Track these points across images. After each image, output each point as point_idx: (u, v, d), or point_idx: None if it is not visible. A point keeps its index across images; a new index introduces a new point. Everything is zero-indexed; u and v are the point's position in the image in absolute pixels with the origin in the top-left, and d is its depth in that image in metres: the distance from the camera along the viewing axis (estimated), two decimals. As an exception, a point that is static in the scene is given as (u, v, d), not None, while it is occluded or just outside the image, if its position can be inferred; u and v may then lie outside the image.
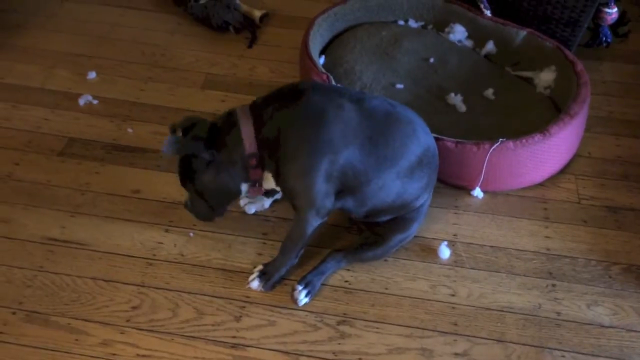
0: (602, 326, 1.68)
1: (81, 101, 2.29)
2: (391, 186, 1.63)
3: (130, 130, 2.19)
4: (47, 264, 1.77)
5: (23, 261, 1.77)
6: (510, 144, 1.88)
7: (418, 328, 1.66)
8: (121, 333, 1.62)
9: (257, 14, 2.72)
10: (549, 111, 2.18)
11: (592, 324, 1.68)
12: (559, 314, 1.71)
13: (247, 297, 1.71)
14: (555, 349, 1.62)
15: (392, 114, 1.62)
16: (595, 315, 1.71)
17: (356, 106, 1.57)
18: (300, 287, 1.70)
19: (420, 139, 1.65)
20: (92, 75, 2.42)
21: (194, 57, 2.55)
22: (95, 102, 2.30)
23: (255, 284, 1.71)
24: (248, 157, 1.58)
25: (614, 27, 2.60)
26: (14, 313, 1.65)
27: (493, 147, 1.87)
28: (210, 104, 2.32)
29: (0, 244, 1.81)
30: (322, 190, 1.57)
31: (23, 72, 2.43)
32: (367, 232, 1.82)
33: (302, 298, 1.69)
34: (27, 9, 2.77)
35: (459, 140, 1.90)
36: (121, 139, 2.16)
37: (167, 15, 2.79)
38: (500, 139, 1.88)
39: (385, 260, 1.82)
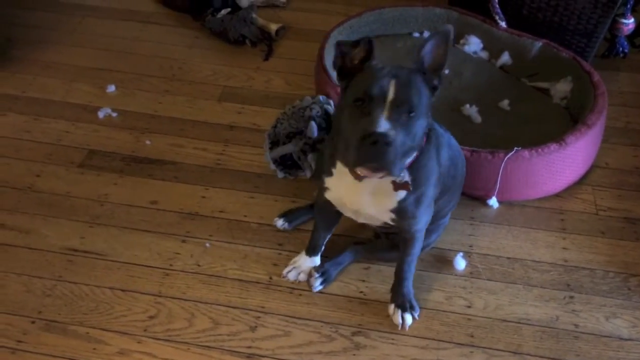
0: (621, 339, 1.66)
1: (101, 114, 2.34)
2: (439, 203, 1.66)
3: (148, 142, 2.23)
4: (66, 273, 1.79)
5: (43, 271, 1.80)
6: (526, 153, 1.87)
7: (434, 339, 1.66)
8: (138, 342, 1.63)
9: (274, 27, 2.75)
10: (565, 122, 2.18)
11: (610, 337, 1.66)
12: (576, 326, 1.69)
13: (262, 307, 1.72)
14: (573, 362, 1.61)
15: (457, 146, 1.70)
16: (614, 327, 1.68)
17: (451, 138, 1.65)
18: (317, 275, 1.75)
19: (462, 167, 1.73)
20: (111, 88, 2.47)
21: (211, 70, 2.59)
22: (114, 114, 2.34)
23: (408, 321, 1.67)
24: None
25: (631, 37, 2.59)
26: (33, 322, 1.67)
27: (508, 156, 1.86)
28: (227, 116, 2.35)
29: (21, 254, 1.84)
30: (432, 210, 1.59)
31: (44, 86, 2.48)
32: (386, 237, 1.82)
33: (317, 285, 1.74)
34: (49, 24, 2.83)
35: (474, 149, 1.90)
36: (139, 150, 2.20)
37: (185, 30, 2.83)
38: (516, 148, 1.87)
39: (401, 271, 1.81)
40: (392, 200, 1.45)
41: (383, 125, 1.23)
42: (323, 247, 1.81)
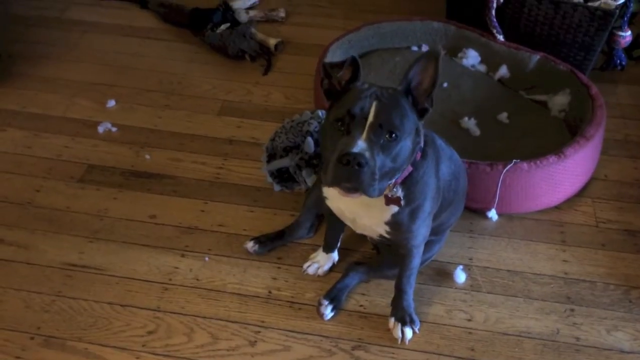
0: (623, 352, 1.65)
1: (100, 129, 2.34)
2: (441, 216, 1.66)
3: (147, 156, 2.23)
4: (65, 289, 1.79)
5: (42, 286, 1.79)
6: (525, 165, 1.87)
7: (434, 353, 1.65)
8: (137, 358, 1.62)
9: (273, 42, 2.77)
10: (563, 134, 2.18)
11: (612, 350, 1.65)
12: (578, 339, 1.68)
13: (262, 321, 1.71)
14: (574, 375, 1.60)
15: (459, 160, 1.70)
16: (615, 340, 1.67)
17: (453, 152, 1.64)
18: (326, 302, 1.72)
19: (464, 180, 1.73)
20: (111, 103, 2.47)
21: (211, 85, 2.60)
22: (114, 129, 2.35)
23: (408, 335, 1.66)
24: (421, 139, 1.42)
25: (629, 50, 2.60)
26: (32, 338, 1.66)
27: (507, 168, 1.86)
28: (227, 130, 2.35)
29: (20, 269, 1.84)
30: (430, 224, 1.58)
31: (45, 101, 2.49)
32: (386, 252, 1.81)
33: (328, 313, 1.71)
34: (50, 40, 2.85)
35: (472, 160, 1.90)
36: (139, 165, 2.20)
37: (184, 45, 2.85)
38: (514, 160, 1.87)
39: (401, 285, 1.80)
40: (386, 214, 1.46)
41: (359, 145, 1.22)
42: (339, 243, 1.83)
